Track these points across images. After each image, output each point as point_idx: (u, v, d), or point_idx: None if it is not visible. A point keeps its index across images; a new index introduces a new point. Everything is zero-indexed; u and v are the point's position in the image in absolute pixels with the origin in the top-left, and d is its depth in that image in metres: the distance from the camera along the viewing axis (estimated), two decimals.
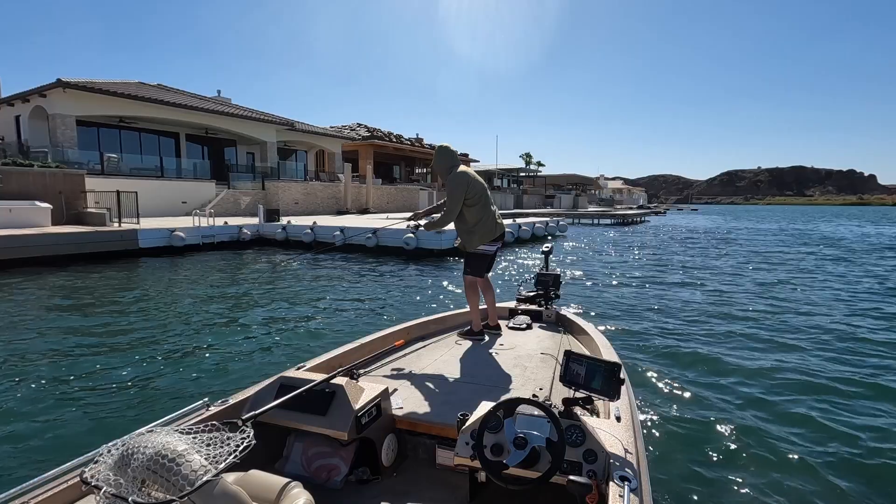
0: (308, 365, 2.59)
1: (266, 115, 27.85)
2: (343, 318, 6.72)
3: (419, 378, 2.76)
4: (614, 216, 37.19)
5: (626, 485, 1.51)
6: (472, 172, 3.64)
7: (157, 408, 3.79)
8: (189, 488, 1.14)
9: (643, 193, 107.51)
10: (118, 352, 5.15)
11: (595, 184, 73.67)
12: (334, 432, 1.97)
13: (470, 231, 3.63)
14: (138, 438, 1.24)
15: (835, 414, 3.83)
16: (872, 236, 24.37)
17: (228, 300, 7.79)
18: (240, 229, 15.13)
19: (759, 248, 18.02)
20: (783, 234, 26.18)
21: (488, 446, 1.68)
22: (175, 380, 4.42)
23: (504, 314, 4.04)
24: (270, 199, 22.56)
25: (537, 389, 2.58)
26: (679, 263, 13.19)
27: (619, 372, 1.84)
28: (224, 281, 9.58)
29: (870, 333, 6.16)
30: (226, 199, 20.95)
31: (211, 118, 24.35)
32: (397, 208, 30.41)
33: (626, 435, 1.81)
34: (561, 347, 3.27)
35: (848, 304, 8.00)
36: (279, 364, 4.61)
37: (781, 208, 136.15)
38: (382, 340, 3.21)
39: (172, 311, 7.08)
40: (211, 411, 2.00)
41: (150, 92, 23.05)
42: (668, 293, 8.80)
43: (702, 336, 5.96)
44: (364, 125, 40.36)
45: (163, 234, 13.06)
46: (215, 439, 1.36)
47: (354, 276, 10.20)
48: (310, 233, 14.71)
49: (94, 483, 1.18)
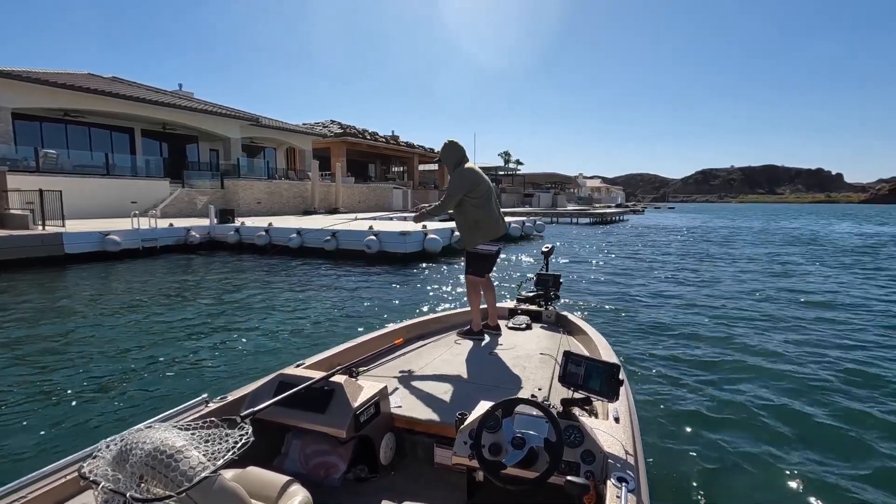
0: (307, 363, 2.59)
1: (229, 110, 26.35)
2: (279, 340, 5.64)
3: (418, 377, 2.75)
4: (593, 215, 36.79)
5: (623, 486, 1.51)
6: (479, 171, 3.68)
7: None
8: (187, 484, 1.14)
9: (621, 192, 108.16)
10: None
11: (574, 182, 73.62)
12: (333, 430, 1.97)
13: (471, 229, 3.66)
14: (137, 434, 1.24)
15: (837, 413, 3.79)
16: (864, 236, 24.25)
17: (157, 314, 6.62)
18: (187, 231, 13.73)
19: (750, 248, 17.86)
20: (770, 234, 26.01)
21: (486, 446, 1.68)
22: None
23: (504, 314, 4.02)
24: (230, 199, 21.15)
25: (536, 389, 2.56)
26: (673, 264, 13.08)
27: (618, 373, 1.84)
28: (157, 291, 8.36)
29: (873, 331, 6.11)
30: (180, 199, 19.47)
31: (168, 113, 22.81)
32: (369, 208, 29.13)
33: (624, 436, 1.82)
34: (560, 348, 3.24)
35: (848, 303, 7.85)
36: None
37: (755, 207, 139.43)
38: (382, 339, 3.20)
39: (76, 335, 5.89)
40: (210, 408, 1.99)
41: (100, 84, 21.42)
42: (666, 293, 8.67)
43: (702, 337, 5.89)
44: (337, 122, 39.01)
45: (94, 237, 11.62)
46: (214, 436, 1.35)
47: (308, 285, 9.08)
48: (265, 235, 13.46)
49: (93, 478, 1.17)
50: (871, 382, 4.42)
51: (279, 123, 29.72)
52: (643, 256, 14.72)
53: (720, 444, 3.32)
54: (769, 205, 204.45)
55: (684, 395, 4.11)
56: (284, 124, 30.22)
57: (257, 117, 27.33)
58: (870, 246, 18.35)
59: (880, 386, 4.35)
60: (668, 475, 2.95)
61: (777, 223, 37.81)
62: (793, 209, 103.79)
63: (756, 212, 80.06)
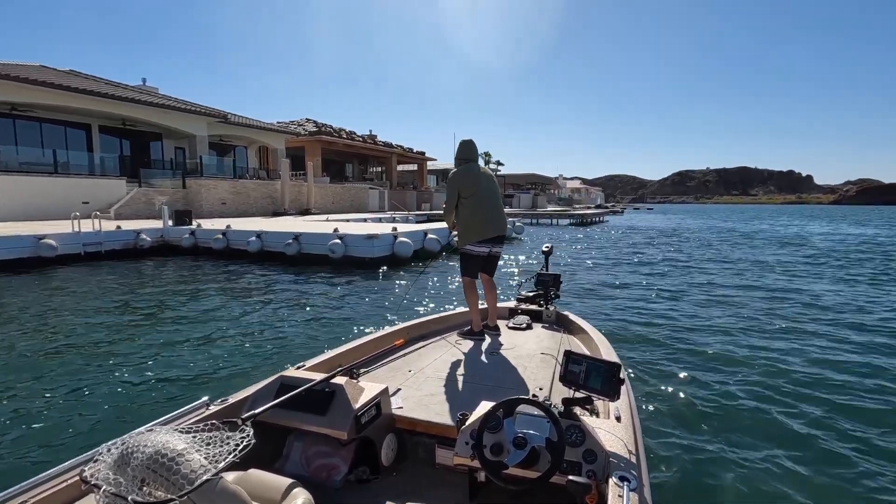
0: (308, 364, 2.56)
1: (195, 106, 25.08)
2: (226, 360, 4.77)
3: (419, 378, 2.74)
4: (573, 216, 36.51)
5: (625, 485, 1.51)
6: (472, 170, 3.66)
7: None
8: (189, 487, 1.14)
9: (601, 193, 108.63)
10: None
11: (554, 184, 73.57)
12: (334, 432, 1.96)
13: (462, 229, 3.68)
14: (138, 437, 1.23)
15: (840, 412, 3.73)
16: (851, 237, 24.45)
17: (89, 333, 5.66)
18: (137, 235, 12.57)
19: (738, 248, 17.87)
20: (758, 235, 25.99)
21: (488, 446, 1.68)
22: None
23: (504, 314, 4.02)
24: (193, 200, 19.94)
25: (537, 389, 2.57)
26: (666, 263, 13.04)
27: (618, 372, 1.84)
28: (90, 302, 7.36)
29: (874, 331, 6.12)
30: (136, 200, 18.23)
31: (128, 108, 21.53)
32: (343, 209, 28.12)
33: (625, 435, 1.82)
34: (561, 347, 3.26)
35: (848, 302, 7.82)
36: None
37: (732, 208, 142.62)
38: (382, 340, 3.19)
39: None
40: (210, 410, 1.98)
41: (51, 76, 20.03)
42: (665, 294, 8.63)
43: (702, 335, 5.83)
44: (313, 120, 37.88)
45: (26, 242, 10.44)
46: (215, 438, 1.35)
47: (265, 293, 8.18)
48: (221, 238, 12.44)
49: (94, 482, 1.18)
50: (876, 380, 4.35)
51: (249, 121, 28.50)
52: (637, 256, 14.58)
53: (722, 442, 3.29)
54: (744, 206, 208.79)
55: (685, 394, 4.05)
56: (255, 122, 29.02)
57: (225, 114, 26.11)
58: (861, 249, 18.21)
59: (886, 382, 4.30)
60: (670, 474, 2.91)
61: (761, 224, 38.43)
62: (767, 210, 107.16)
63: (734, 213, 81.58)
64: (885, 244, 19.75)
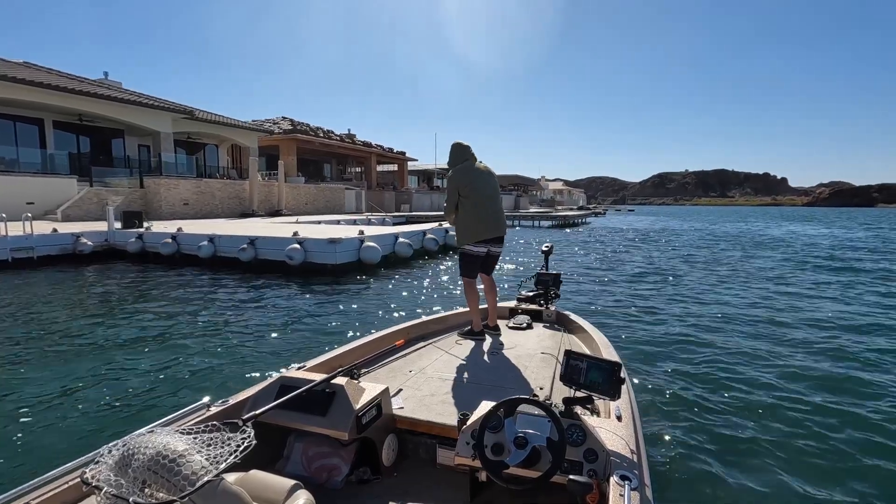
0: (308, 365, 2.55)
1: (157, 101, 23.72)
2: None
3: (420, 378, 2.74)
4: (555, 217, 36.01)
5: (626, 484, 1.50)
6: (471, 169, 3.65)
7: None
8: (190, 488, 1.14)
9: (583, 194, 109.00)
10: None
11: (536, 185, 73.29)
12: (335, 432, 1.96)
13: (459, 228, 3.69)
14: (139, 439, 1.23)
15: (841, 412, 3.68)
16: (839, 238, 24.48)
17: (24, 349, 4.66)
18: (76, 238, 11.39)
19: (729, 248, 17.86)
20: (746, 237, 25.80)
21: (489, 446, 1.67)
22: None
23: (504, 314, 4.03)
24: (151, 200, 18.68)
25: (538, 389, 2.58)
26: (665, 263, 13.07)
27: (619, 371, 1.84)
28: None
29: (875, 331, 6.09)
30: (87, 200, 16.92)
31: (84, 102, 20.12)
32: (318, 210, 26.99)
33: (626, 434, 1.82)
34: (561, 347, 3.25)
35: (846, 304, 7.84)
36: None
37: (711, 209, 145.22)
38: (383, 340, 3.18)
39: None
40: (211, 411, 1.98)
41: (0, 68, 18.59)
42: (664, 294, 8.64)
43: (702, 335, 5.79)
44: (289, 118, 36.57)
45: None
46: (216, 439, 1.34)
47: (192, 312, 7.19)
48: (171, 242, 11.34)
49: (95, 483, 1.17)
50: (878, 381, 4.32)
51: (219, 118, 27.17)
52: (631, 256, 14.64)
53: (723, 440, 3.28)
54: (723, 207, 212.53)
55: (686, 393, 4.03)
56: (225, 119, 27.70)
57: (192, 110, 24.78)
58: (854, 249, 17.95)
59: (887, 384, 4.27)
60: (671, 473, 2.90)
61: (747, 224, 39.01)
62: (744, 211, 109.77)
63: (713, 214, 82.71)
64: (859, 245, 19.59)
